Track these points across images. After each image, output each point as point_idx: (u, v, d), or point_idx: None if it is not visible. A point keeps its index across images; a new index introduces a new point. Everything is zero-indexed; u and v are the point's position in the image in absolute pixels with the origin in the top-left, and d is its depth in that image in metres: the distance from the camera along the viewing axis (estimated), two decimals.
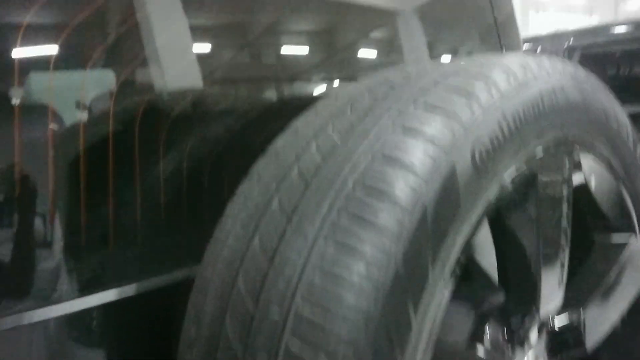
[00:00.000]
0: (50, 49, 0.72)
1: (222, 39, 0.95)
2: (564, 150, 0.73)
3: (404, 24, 1.27)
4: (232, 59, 0.97)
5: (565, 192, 0.74)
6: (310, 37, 1.11)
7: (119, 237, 0.76)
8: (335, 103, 0.72)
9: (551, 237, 0.75)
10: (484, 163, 0.59)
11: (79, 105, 0.74)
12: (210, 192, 0.86)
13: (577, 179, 0.79)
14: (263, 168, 0.69)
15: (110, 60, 0.78)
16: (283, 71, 1.05)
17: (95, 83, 0.77)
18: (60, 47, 0.72)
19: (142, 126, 0.79)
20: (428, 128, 0.57)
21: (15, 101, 0.68)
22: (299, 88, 1.10)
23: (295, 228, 0.57)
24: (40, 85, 0.71)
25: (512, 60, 0.68)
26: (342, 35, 1.17)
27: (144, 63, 0.81)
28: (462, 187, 0.57)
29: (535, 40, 4.13)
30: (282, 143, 0.70)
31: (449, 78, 0.63)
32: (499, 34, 1.54)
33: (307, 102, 1.04)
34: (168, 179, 0.81)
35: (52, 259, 0.72)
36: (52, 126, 0.71)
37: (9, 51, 0.68)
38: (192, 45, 0.86)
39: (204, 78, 0.87)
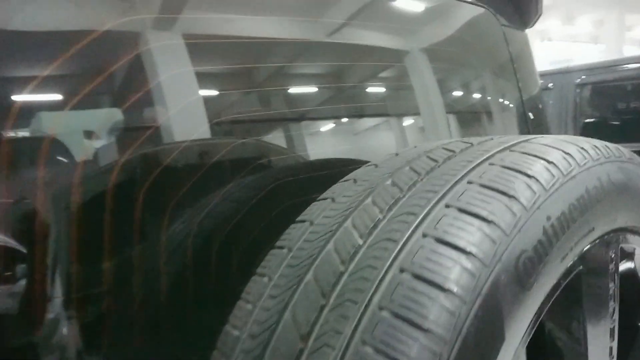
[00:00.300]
0: (55, 97, 0.67)
1: (229, 85, 0.89)
2: (612, 241, 0.65)
3: (414, 64, 1.22)
4: (241, 106, 0.90)
5: (614, 285, 0.66)
6: (318, 81, 1.05)
7: (116, 329, 0.69)
8: (354, 189, 0.66)
9: (599, 336, 0.67)
10: (529, 274, 0.52)
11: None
12: (217, 283, 0.78)
13: (626, 266, 0.71)
14: (274, 267, 0.61)
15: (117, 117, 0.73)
16: (292, 119, 0.98)
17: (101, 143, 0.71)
18: (64, 95, 0.67)
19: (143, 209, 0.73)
20: (464, 237, 0.50)
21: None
22: (313, 145, 1.03)
23: (313, 351, 0.49)
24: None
25: (550, 146, 0.61)
26: (351, 77, 1.11)
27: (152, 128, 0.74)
28: (506, 306, 0.49)
29: (546, 76, 4.10)
30: (296, 237, 0.63)
31: (483, 174, 0.56)
32: (514, 69, 1.48)
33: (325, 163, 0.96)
34: (168, 264, 0.74)
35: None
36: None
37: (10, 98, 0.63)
38: (200, 93, 0.80)
39: (214, 132, 0.80)
